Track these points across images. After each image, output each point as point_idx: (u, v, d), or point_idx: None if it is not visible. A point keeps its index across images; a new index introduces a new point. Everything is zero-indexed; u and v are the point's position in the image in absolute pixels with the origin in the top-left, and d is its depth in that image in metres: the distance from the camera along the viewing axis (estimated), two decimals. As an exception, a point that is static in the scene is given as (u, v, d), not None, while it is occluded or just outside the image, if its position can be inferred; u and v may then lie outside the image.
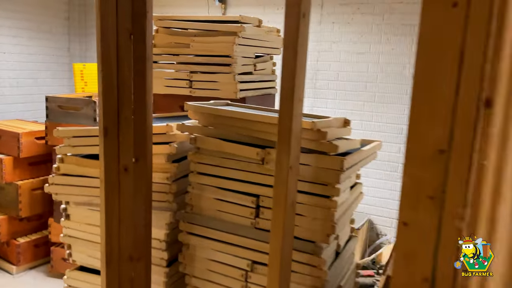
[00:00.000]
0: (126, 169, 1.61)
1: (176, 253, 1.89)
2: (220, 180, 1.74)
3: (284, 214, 1.37)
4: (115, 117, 1.55)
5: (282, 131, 1.33)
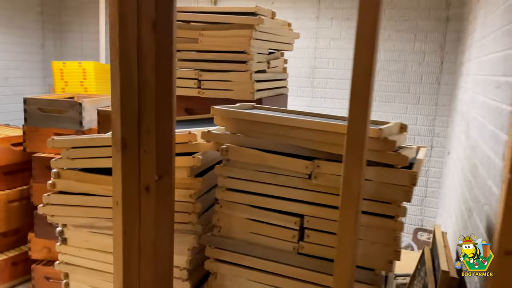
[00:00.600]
0: (148, 189, 1.32)
1: (199, 283, 1.62)
2: (255, 197, 1.48)
3: (352, 242, 1.13)
4: (136, 127, 1.27)
5: (352, 142, 1.09)
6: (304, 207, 1.42)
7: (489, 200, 1.62)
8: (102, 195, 1.62)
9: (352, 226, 1.13)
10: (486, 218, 1.63)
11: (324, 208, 1.39)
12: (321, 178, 1.36)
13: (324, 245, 1.41)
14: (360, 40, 1.04)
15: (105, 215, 1.62)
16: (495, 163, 1.58)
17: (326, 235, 1.40)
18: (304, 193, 1.41)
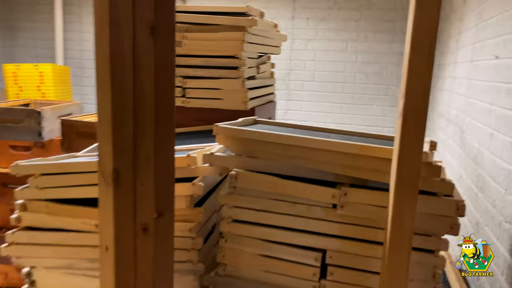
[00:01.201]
0: (146, 229, 1.08)
1: (200, 329, 1.39)
2: (268, 229, 1.27)
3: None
4: (131, 154, 1.02)
5: (404, 172, 0.90)
6: (326, 241, 1.22)
7: (508, 217, 1.50)
8: (82, 230, 1.35)
9: (403, 270, 0.94)
10: (510, 238, 1.51)
11: (350, 242, 1.21)
12: (349, 208, 1.17)
13: (350, 284, 1.22)
14: (418, 48, 0.85)
15: (86, 255, 1.35)
16: (520, 179, 1.46)
17: (352, 272, 1.21)
18: (326, 225, 1.22)
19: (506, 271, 1.51)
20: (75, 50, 4.87)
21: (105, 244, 1.06)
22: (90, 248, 1.36)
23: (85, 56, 4.85)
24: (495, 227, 1.68)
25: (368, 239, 1.18)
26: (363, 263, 1.20)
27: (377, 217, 1.15)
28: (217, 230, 1.54)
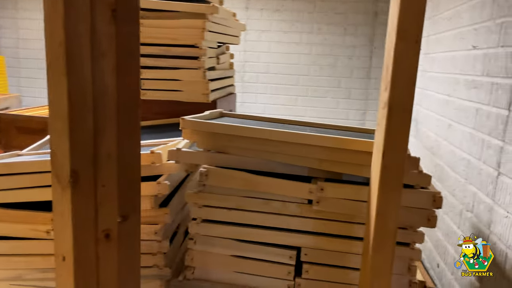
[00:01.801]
0: (108, 236, 0.98)
1: (167, 337, 1.30)
2: (240, 229, 1.20)
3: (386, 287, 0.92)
4: (91, 153, 0.91)
5: (388, 169, 0.87)
6: (302, 238, 1.18)
7: (472, 207, 1.54)
8: (32, 238, 1.21)
9: (387, 268, 0.92)
10: (472, 226, 1.55)
11: (326, 238, 1.17)
12: (325, 203, 1.13)
13: (326, 281, 1.18)
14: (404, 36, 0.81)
15: (37, 265, 1.22)
16: (481, 168, 1.49)
17: (328, 269, 1.18)
18: (302, 222, 1.17)
19: (468, 258, 1.54)
20: (10, 38, 4.50)
21: (62, 253, 0.95)
22: (41, 257, 1.22)
23: (22, 45, 4.50)
24: (455, 216, 1.72)
25: (345, 235, 1.15)
26: (340, 259, 1.17)
27: (355, 211, 1.11)
28: (181, 230, 1.45)
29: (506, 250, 1.26)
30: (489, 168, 1.42)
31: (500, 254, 1.29)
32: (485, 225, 1.41)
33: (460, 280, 1.61)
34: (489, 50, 1.53)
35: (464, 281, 1.58)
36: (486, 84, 1.52)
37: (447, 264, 1.76)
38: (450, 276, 1.71)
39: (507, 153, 1.29)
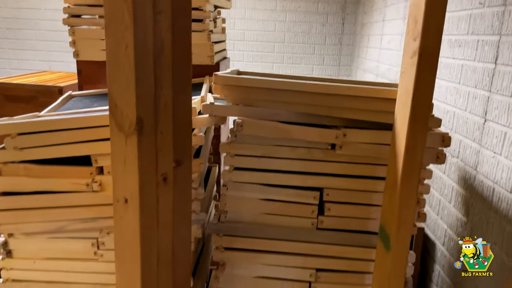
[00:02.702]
0: (166, 179, 1.07)
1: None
2: (268, 174, 1.33)
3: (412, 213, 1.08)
4: (152, 104, 0.99)
5: (417, 109, 1.01)
6: (324, 180, 1.32)
7: (458, 153, 1.74)
8: (72, 191, 1.28)
9: (414, 198, 1.07)
10: (458, 169, 1.75)
11: (346, 179, 1.32)
12: (347, 148, 1.27)
13: (346, 217, 1.34)
14: None
15: (79, 216, 1.29)
16: (467, 118, 1.68)
17: (348, 206, 1.33)
18: (325, 165, 1.31)
19: (454, 198, 1.76)
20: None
21: (124, 197, 1.03)
22: (82, 208, 1.29)
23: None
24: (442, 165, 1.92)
25: (364, 175, 1.30)
26: (359, 197, 1.32)
27: (374, 154, 1.26)
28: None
29: (493, 185, 1.46)
30: (476, 117, 1.61)
31: (487, 189, 1.50)
32: (472, 167, 1.62)
33: (446, 219, 1.83)
34: (474, 10, 1.70)
35: (449, 219, 1.80)
36: (471, 41, 1.70)
37: (432, 206, 1.98)
38: (436, 216, 1.93)
39: (494, 102, 1.48)
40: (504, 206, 1.39)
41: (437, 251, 1.89)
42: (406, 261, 1.12)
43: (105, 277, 1.37)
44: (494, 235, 1.43)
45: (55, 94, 2.46)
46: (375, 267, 1.18)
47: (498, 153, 1.44)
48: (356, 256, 1.34)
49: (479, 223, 1.54)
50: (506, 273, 1.33)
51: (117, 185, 1.02)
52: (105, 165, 1.28)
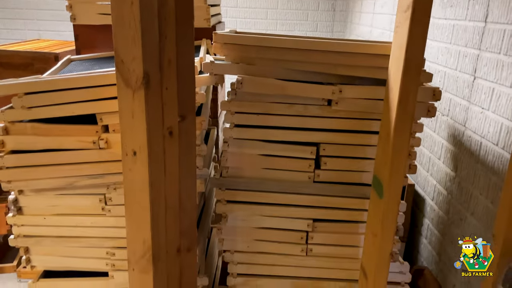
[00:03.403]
0: (171, 133, 1.13)
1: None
2: (267, 131, 1.38)
3: (404, 163, 1.15)
4: (157, 59, 1.03)
5: (410, 63, 1.06)
6: (320, 136, 1.38)
7: (448, 111, 1.81)
8: (79, 148, 1.33)
9: (406, 146, 1.14)
10: (448, 127, 1.83)
11: (342, 134, 1.38)
12: (343, 103, 1.33)
13: (341, 170, 1.41)
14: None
15: (87, 172, 1.35)
16: (457, 76, 1.74)
17: (343, 160, 1.40)
18: (321, 121, 1.37)
19: (444, 154, 1.84)
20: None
21: (132, 149, 1.08)
22: (90, 164, 1.35)
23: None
24: (431, 121, 1.99)
25: (359, 130, 1.36)
26: (354, 151, 1.39)
27: (369, 109, 1.32)
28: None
29: (480, 139, 1.54)
30: (465, 75, 1.67)
31: (475, 144, 1.57)
32: (461, 123, 1.69)
33: (436, 175, 1.92)
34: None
35: (439, 175, 1.89)
36: (462, 1, 1.73)
37: (423, 164, 2.06)
38: (426, 173, 2.02)
39: (483, 59, 1.54)
40: (490, 158, 1.47)
41: (427, 206, 1.99)
42: (397, 208, 1.19)
43: (113, 231, 1.45)
44: (480, 186, 1.52)
45: (51, 61, 2.46)
46: (369, 214, 1.26)
47: (486, 108, 1.50)
48: (351, 207, 1.42)
49: (466, 176, 1.62)
50: (491, 217, 1.42)
51: (125, 138, 1.07)
52: (110, 123, 1.33)
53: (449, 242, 1.73)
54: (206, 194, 1.81)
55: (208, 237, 1.90)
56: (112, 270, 1.48)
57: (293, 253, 1.46)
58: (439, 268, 1.81)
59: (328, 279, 1.48)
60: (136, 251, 1.13)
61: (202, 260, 1.59)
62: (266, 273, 1.48)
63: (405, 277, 1.46)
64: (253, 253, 1.47)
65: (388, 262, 1.25)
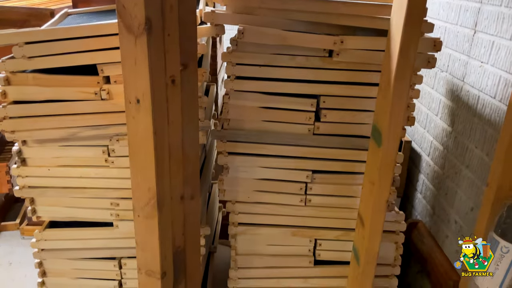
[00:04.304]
0: (174, 81, 1.13)
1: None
2: (268, 83, 1.39)
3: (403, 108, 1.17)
4: (159, 3, 1.03)
5: (412, 10, 1.06)
6: (321, 88, 1.39)
7: (447, 67, 1.82)
8: (81, 99, 1.34)
9: (405, 95, 1.16)
10: (446, 83, 1.84)
11: (342, 86, 1.39)
12: (344, 55, 1.33)
13: (341, 123, 1.43)
14: None
15: (90, 123, 1.36)
16: (457, 31, 1.74)
17: (343, 112, 1.42)
18: (322, 73, 1.37)
19: (441, 110, 1.86)
20: None
21: (136, 97, 1.09)
22: (92, 115, 1.36)
23: None
24: (429, 78, 2.00)
25: (359, 82, 1.37)
26: (353, 103, 1.40)
27: (371, 60, 1.33)
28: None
29: (478, 93, 1.55)
30: (466, 29, 1.66)
31: (473, 98, 1.59)
32: (459, 79, 1.70)
33: (432, 132, 1.95)
34: None
35: (435, 131, 1.91)
36: (466, -46, 1.71)
37: (420, 121, 2.09)
38: (423, 130, 2.05)
39: (484, 12, 1.53)
40: (487, 111, 1.49)
41: (423, 162, 2.03)
42: (395, 156, 1.22)
43: (117, 182, 1.48)
44: (476, 139, 1.55)
45: (46, 17, 2.42)
46: (367, 163, 1.30)
47: (485, 62, 1.51)
48: (349, 158, 1.45)
49: (463, 130, 1.65)
50: (486, 169, 1.46)
51: (128, 86, 1.08)
52: (111, 74, 1.33)
53: (443, 194, 1.78)
54: (207, 148, 1.84)
55: (209, 191, 1.95)
56: (116, 220, 1.52)
57: (292, 203, 1.51)
58: (433, 220, 1.87)
59: (325, 228, 1.53)
60: (141, 198, 1.16)
61: (204, 211, 1.63)
62: (266, 223, 1.53)
63: (401, 226, 1.52)
64: (253, 204, 1.51)
65: (384, 210, 1.29)
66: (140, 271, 1.21)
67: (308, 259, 1.56)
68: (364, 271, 1.37)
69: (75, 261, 1.57)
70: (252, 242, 1.54)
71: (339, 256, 1.56)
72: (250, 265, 1.56)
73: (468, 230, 1.55)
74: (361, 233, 1.36)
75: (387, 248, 1.53)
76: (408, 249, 1.84)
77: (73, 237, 1.53)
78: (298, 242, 1.54)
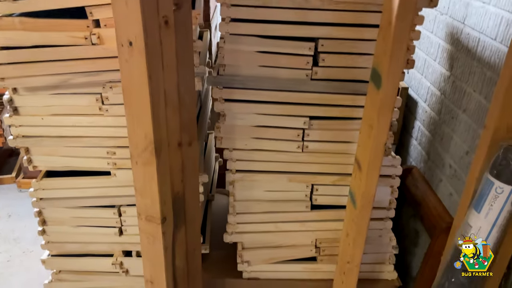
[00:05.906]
0: (167, 22, 1.09)
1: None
2: (265, 25, 1.35)
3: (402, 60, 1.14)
4: None
5: None
6: (320, 30, 1.35)
7: (448, 9, 1.77)
8: (71, 44, 1.29)
9: (406, 36, 1.12)
10: (446, 26, 1.80)
11: (341, 28, 1.35)
12: (343, -5, 1.28)
13: (339, 67, 1.40)
14: None
15: (80, 69, 1.32)
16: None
17: (342, 56, 1.39)
18: (321, 14, 1.33)
19: (440, 54, 1.83)
20: None
21: (128, 39, 1.05)
22: (83, 61, 1.32)
23: None
24: (429, 22, 1.95)
25: (359, 23, 1.33)
26: (353, 46, 1.37)
27: None
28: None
29: (479, 35, 1.52)
30: (469, -32, 1.60)
31: (473, 41, 1.56)
32: (460, 21, 1.66)
33: (430, 77, 1.92)
34: None
35: (433, 76, 1.89)
36: None
37: (418, 67, 2.06)
38: (420, 76, 2.02)
39: (489, -51, 1.47)
40: (487, 53, 1.46)
41: (419, 109, 2.02)
42: (394, 99, 1.21)
43: (112, 130, 1.46)
44: (474, 83, 1.53)
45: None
46: (365, 107, 1.28)
47: (487, 2, 1.47)
48: (348, 103, 1.44)
49: (461, 74, 1.63)
50: (483, 113, 1.46)
51: (120, 28, 1.03)
52: (101, 17, 1.28)
53: (438, 140, 1.79)
54: (202, 96, 1.81)
55: (205, 140, 1.94)
56: (114, 168, 1.52)
57: (289, 150, 1.51)
58: (428, 166, 1.89)
59: (322, 173, 1.54)
60: (138, 145, 1.15)
61: (201, 158, 1.63)
62: (263, 169, 1.54)
63: (397, 170, 1.53)
64: (251, 151, 1.51)
65: (382, 153, 1.29)
66: (140, 217, 1.22)
67: (305, 204, 1.58)
68: (360, 214, 1.39)
69: (74, 209, 1.58)
70: (250, 188, 1.55)
71: (335, 200, 1.58)
72: (248, 210, 1.58)
73: (463, 173, 1.57)
74: (358, 177, 1.37)
75: (383, 191, 1.56)
76: (402, 194, 1.87)
77: (71, 186, 1.54)
78: (295, 187, 1.56)
